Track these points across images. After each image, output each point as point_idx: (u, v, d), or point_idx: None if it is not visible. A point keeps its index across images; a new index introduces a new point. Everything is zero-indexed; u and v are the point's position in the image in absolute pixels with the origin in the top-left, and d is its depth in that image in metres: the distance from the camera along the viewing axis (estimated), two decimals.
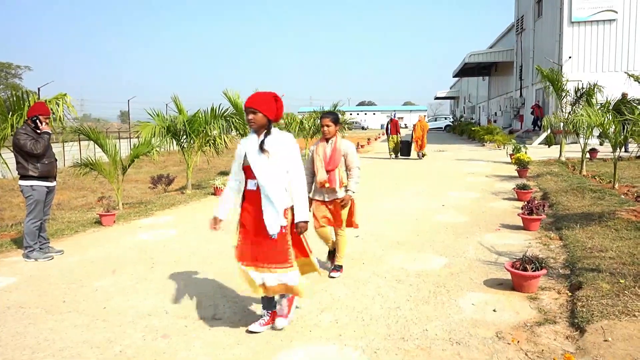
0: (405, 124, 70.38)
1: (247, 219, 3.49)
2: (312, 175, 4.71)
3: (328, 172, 4.60)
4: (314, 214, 4.70)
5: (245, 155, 3.47)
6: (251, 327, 3.62)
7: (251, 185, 3.45)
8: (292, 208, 3.47)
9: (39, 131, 5.65)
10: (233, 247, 3.57)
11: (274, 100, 3.46)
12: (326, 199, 4.73)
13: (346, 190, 4.70)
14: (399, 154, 19.25)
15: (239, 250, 3.52)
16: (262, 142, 3.40)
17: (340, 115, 4.50)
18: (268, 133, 3.44)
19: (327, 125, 4.63)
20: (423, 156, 18.44)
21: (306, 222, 3.45)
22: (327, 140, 4.72)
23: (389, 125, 19.49)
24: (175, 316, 4.00)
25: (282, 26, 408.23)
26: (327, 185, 4.61)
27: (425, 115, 25.12)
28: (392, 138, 19.27)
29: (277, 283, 3.45)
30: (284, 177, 3.42)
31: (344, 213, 4.79)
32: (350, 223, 4.91)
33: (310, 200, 4.67)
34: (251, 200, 3.47)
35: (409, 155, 19.08)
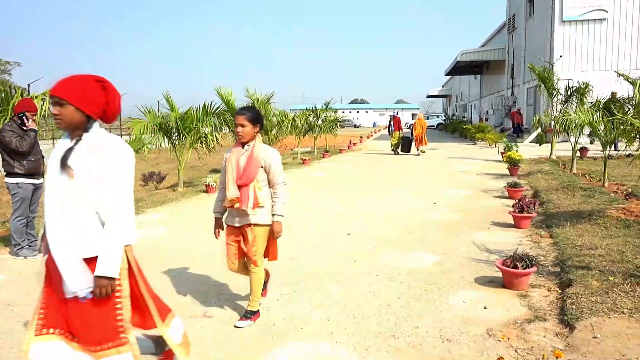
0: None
1: (51, 272, 2.34)
2: (225, 190, 3.67)
3: (239, 187, 3.52)
4: (226, 244, 3.70)
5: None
6: None
7: None
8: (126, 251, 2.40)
9: (25, 128, 5.59)
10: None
11: (100, 87, 2.34)
12: (237, 224, 3.60)
13: (273, 215, 3.57)
14: (400, 150, 19.81)
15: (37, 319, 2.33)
16: (67, 153, 2.27)
17: (260, 112, 3.75)
18: (81, 139, 2.30)
19: (242, 125, 3.53)
20: (422, 152, 18.98)
21: (109, 278, 2.25)
22: (242, 145, 3.63)
23: (392, 123, 20.35)
24: None
25: (274, 23, 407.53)
26: (236, 205, 3.52)
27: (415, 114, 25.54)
28: (394, 135, 19.98)
29: None
30: (104, 208, 2.29)
31: (259, 245, 3.63)
32: (267, 254, 3.81)
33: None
34: None
35: (409, 151, 19.63)
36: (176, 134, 11.21)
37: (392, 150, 20.14)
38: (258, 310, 3.79)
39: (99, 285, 2.24)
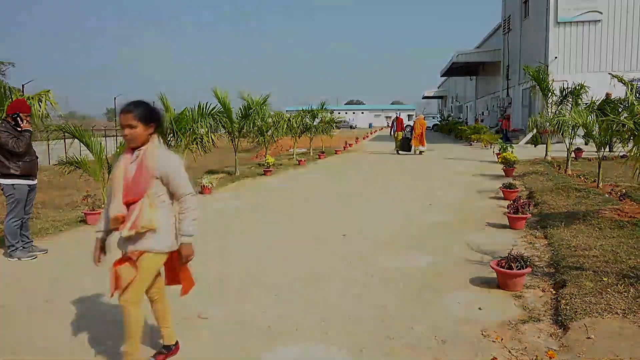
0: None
1: None
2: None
3: (127, 204, 2.77)
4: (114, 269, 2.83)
5: None
6: None
7: None
8: None
9: (19, 129, 5.56)
10: None
11: None
12: (124, 249, 2.87)
13: (180, 236, 2.87)
14: (400, 150, 20.70)
15: None
16: None
17: (154, 107, 2.89)
18: None
19: (130, 126, 2.76)
20: (421, 152, 19.86)
21: None
22: (132, 150, 2.86)
23: (395, 123, 21.59)
24: None
25: (270, 24, 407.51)
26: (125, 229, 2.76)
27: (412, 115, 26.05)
28: (397, 135, 21.05)
29: None
30: None
31: (143, 278, 2.83)
32: (177, 281, 3.17)
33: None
34: None
35: (409, 150, 20.38)
36: (171, 135, 11.19)
37: (395, 149, 20.90)
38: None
39: None
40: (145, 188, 2.76)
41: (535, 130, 18.71)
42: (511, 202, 6.80)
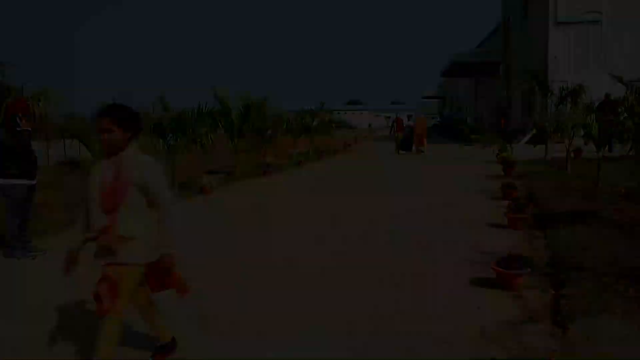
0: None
1: None
2: (88, 215, 2.80)
3: (105, 213, 2.66)
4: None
5: None
6: None
7: None
8: None
9: (19, 129, 5.56)
10: None
11: None
12: (102, 262, 2.78)
13: (161, 246, 2.75)
14: (400, 150, 21.26)
15: None
16: None
17: (133, 111, 2.84)
18: None
19: (107, 130, 2.67)
20: (422, 152, 20.33)
21: None
22: (109, 156, 2.75)
23: (395, 124, 22.49)
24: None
25: (269, 24, 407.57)
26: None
27: (412, 115, 26.38)
28: (397, 135, 21.77)
29: None
30: None
31: (125, 286, 2.72)
32: (177, 287, 3.11)
33: None
34: None
35: (409, 150, 20.95)
36: (170, 135, 11.19)
37: (396, 149, 21.24)
38: None
39: None
40: (124, 197, 2.64)
41: (534, 130, 18.73)
42: (511, 202, 6.79)
